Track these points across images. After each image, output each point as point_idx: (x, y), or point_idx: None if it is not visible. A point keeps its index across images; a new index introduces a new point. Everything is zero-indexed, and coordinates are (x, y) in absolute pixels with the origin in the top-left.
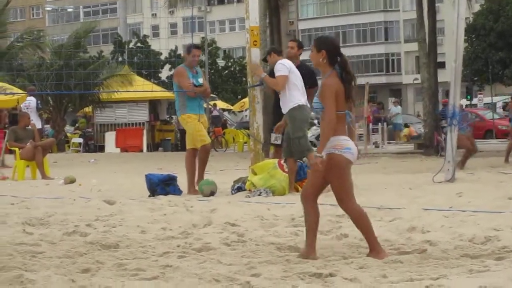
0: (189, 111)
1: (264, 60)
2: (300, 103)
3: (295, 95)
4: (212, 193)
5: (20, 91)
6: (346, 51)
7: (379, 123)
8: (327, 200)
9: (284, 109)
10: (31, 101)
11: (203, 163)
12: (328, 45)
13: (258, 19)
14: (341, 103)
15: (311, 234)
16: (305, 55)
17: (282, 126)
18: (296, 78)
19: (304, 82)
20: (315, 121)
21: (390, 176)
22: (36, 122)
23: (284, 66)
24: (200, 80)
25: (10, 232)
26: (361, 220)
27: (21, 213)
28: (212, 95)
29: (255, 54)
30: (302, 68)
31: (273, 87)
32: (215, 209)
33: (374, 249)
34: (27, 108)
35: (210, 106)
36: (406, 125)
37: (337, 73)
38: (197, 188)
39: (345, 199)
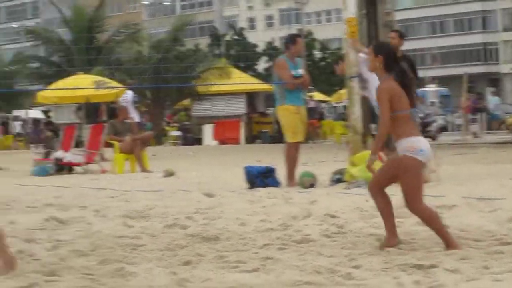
0: (288, 103)
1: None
2: None
3: None
4: (311, 185)
5: (118, 85)
6: (443, 41)
7: (478, 113)
8: (427, 191)
9: None
10: (128, 94)
11: (288, 159)
12: (385, 51)
13: (355, 10)
14: (402, 104)
15: (387, 222)
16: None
17: None
18: None
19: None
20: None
21: (489, 166)
22: (133, 115)
23: None
24: (300, 71)
25: (111, 225)
26: (430, 221)
27: (121, 206)
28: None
29: None
30: (405, 59)
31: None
32: (314, 201)
33: (451, 245)
34: (124, 102)
35: (308, 98)
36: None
37: (395, 77)
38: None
39: (413, 202)
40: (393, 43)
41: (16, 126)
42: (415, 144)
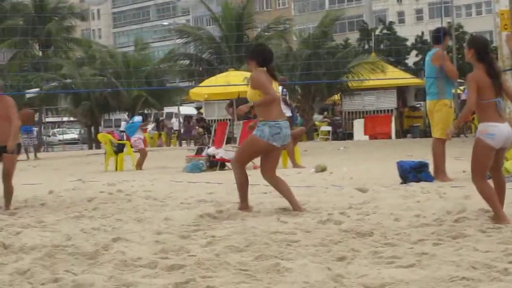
0: (448, 96)
1: None
2: None
3: None
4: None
5: None
6: None
7: None
8: None
9: None
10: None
11: (437, 155)
12: (477, 44)
13: (508, 3)
14: (487, 93)
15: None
16: None
17: None
18: None
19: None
20: None
21: None
22: (285, 110)
23: None
24: None
25: (265, 221)
26: (485, 196)
27: (274, 202)
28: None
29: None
30: None
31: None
32: (468, 196)
33: (498, 216)
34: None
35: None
36: None
37: (484, 68)
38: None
39: (473, 175)
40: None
41: (173, 123)
42: (489, 129)
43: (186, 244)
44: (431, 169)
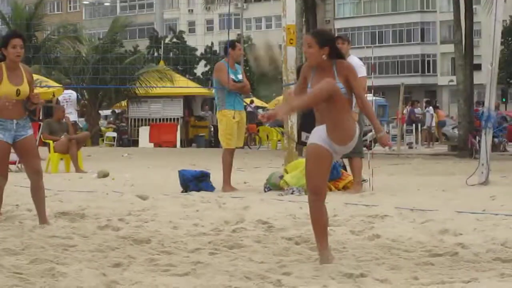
0: (227, 107)
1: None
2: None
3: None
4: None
5: (55, 84)
6: (381, 51)
7: (413, 124)
8: (360, 200)
9: None
10: (72, 94)
11: (223, 164)
12: (330, 42)
13: (294, 18)
14: None
15: None
16: None
17: None
18: None
19: None
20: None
21: (423, 177)
22: (74, 115)
23: (362, 64)
24: (240, 77)
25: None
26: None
27: (54, 206)
28: None
29: (291, 53)
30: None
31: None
32: (247, 207)
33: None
34: (67, 102)
35: (246, 104)
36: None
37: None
38: None
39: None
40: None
41: None
42: None
43: None
44: (212, 179)
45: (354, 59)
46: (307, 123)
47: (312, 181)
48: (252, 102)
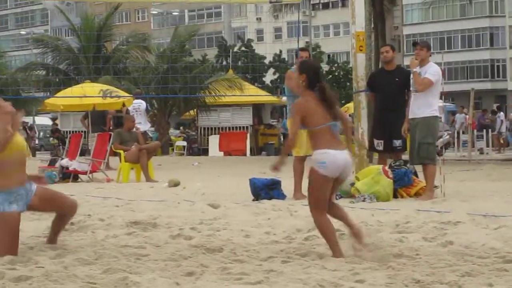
0: None
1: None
2: (438, 115)
3: (434, 104)
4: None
5: (125, 94)
6: (451, 57)
7: (484, 130)
8: (432, 207)
9: (416, 112)
10: (141, 103)
11: (294, 172)
12: (309, 70)
13: (364, 24)
14: (317, 119)
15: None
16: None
17: (406, 129)
18: (439, 89)
19: (405, 85)
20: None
21: (495, 183)
22: (145, 124)
23: (438, 72)
24: None
25: (115, 234)
26: (322, 230)
27: (126, 215)
28: None
29: (361, 60)
30: (400, 72)
31: (416, 84)
32: None
33: (334, 251)
34: (137, 111)
35: None
36: None
37: (314, 95)
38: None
39: (313, 210)
40: (387, 57)
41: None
42: (319, 156)
43: (34, 255)
44: (283, 186)
45: (432, 66)
46: (378, 129)
47: None
48: None
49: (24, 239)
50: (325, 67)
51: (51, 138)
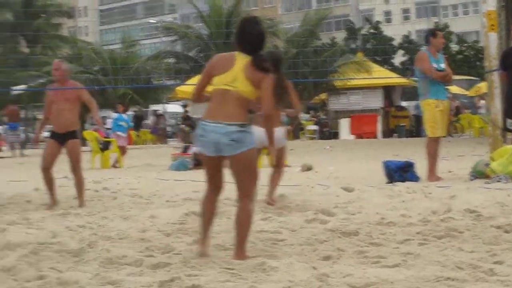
0: (430, 97)
1: None
2: None
3: None
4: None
5: None
6: None
7: None
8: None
9: None
10: None
11: (428, 154)
12: (271, 59)
13: (495, 3)
14: None
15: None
16: None
17: None
18: None
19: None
20: None
21: None
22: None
23: None
24: (442, 65)
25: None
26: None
27: (259, 200)
28: None
29: (492, 39)
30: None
31: None
32: (454, 196)
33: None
34: None
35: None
36: None
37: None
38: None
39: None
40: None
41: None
42: None
43: (171, 242)
44: (417, 168)
45: None
46: (511, 109)
47: None
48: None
49: (160, 226)
50: (454, 47)
51: (183, 125)
